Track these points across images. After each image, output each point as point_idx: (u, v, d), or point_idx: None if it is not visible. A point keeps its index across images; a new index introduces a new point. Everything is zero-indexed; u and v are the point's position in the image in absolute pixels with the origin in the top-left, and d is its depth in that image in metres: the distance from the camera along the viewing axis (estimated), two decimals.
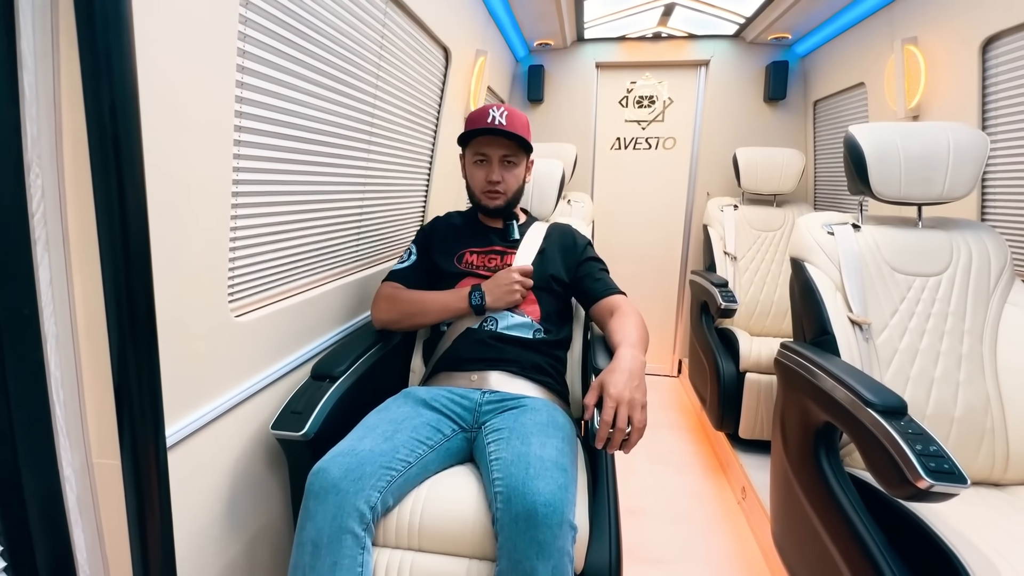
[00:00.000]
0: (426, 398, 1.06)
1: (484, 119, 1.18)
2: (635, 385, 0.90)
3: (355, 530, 0.79)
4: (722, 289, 2.01)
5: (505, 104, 1.21)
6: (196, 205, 0.73)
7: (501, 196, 1.24)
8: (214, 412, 0.83)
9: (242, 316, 0.89)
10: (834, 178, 2.43)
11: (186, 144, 0.69)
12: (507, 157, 1.22)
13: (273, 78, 0.89)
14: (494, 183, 1.22)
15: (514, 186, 1.25)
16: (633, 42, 2.75)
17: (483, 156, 1.22)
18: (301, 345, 1.08)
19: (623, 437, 0.86)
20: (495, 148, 1.21)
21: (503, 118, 1.18)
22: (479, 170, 1.24)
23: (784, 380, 1.31)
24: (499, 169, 1.22)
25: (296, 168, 1.01)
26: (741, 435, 1.92)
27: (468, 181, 1.29)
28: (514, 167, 1.24)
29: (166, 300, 0.70)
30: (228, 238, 0.81)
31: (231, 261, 0.86)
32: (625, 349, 0.99)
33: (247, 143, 0.85)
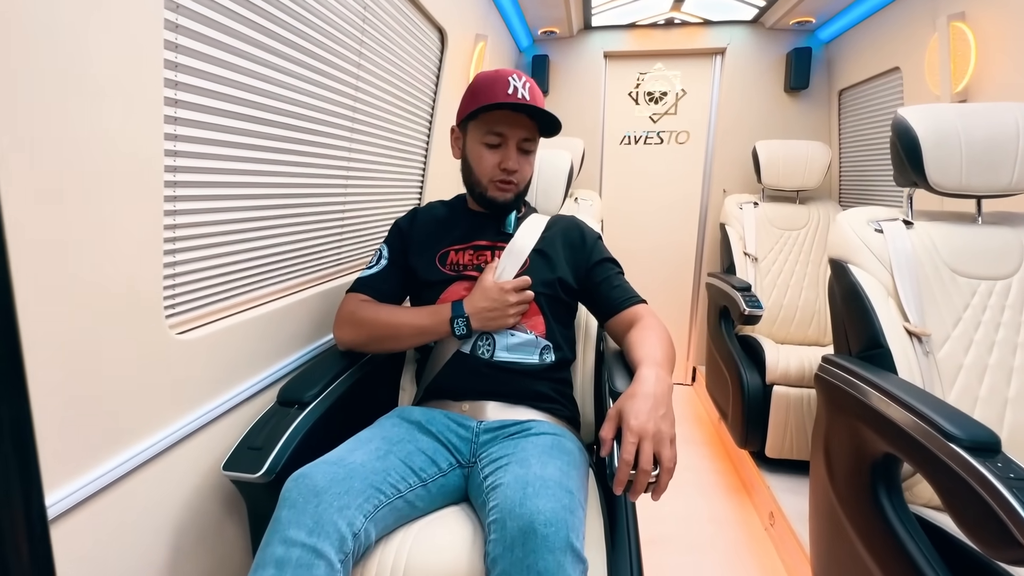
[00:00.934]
0: (422, 420, 0.90)
1: (503, 89, 0.92)
2: (661, 414, 0.73)
3: (331, 557, 0.63)
4: (745, 293, 1.84)
5: (523, 73, 0.97)
6: (108, 195, 0.57)
7: (513, 188, 1.01)
8: (148, 453, 0.67)
9: (185, 333, 0.73)
10: (862, 172, 2.25)
11: (83, 114, 0.53)
12: (526, 142, 0.99)
13: (222, 43, 0.73)
14: (510, 171, 0.98)
15: (528, 176, 1.04)
16: (644, 29, 2.58)
17: (499, 136, 0.97)
18: (267, 364, 0.92)
19: (649, 480, 0.70)
20: (516, 128, 0.96)
21: (527, 92, 0.93)
22: (491, 153, 0.98)
23: (828, 400, 1.13)
24: (516, 155, 0.99)
25: (258, 156, 0.85)
26: (768, 454, 1.74)
27: (470, 164, 1.02)
28: (530, 155, 1.02)
29: (64, 318, 0.54)
30: (162, 238, 0.66)
31: (169, 267, 0.70)
32: (647, 369, 0.81)
33: (186, 121, 0.69)
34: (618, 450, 0.71)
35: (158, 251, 0.65)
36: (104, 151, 0.56)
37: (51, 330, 0.53)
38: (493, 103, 0.92)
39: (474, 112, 0.95)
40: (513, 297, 0.94)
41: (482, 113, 0.96)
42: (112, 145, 0.56)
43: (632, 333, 0.95)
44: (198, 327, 0.76)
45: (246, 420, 0.86)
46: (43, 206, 0.50)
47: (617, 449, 0.72)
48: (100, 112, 0.55)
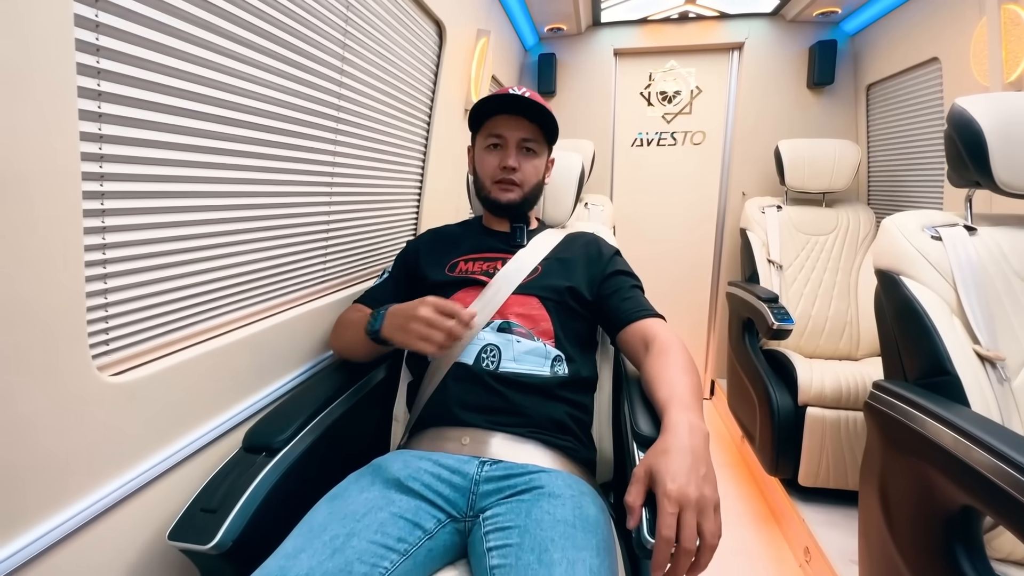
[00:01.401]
0: (401, 476, 0.75)
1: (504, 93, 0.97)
2: (702, 475, 0.60)
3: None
4: (772, 305, 1.69)
5: (526, 87, 1.01)
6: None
7: (516, 189, 1.01)
8: (72, 523, 0.55)
9: (120, 375, 0.60)
10: (894, 173, 2.09)
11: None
12: (527, 142, 1.00)
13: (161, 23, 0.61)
14: (509, 169, 0.99)
15: (532, 179, 1.02)
16: (656, 24, 2.45)
17: (498, 139, 1.00)
18: (230, 403, 0.79)
19: (691, 558, 0.56)
20: (514, 129, 0.99)
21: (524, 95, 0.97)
22: (492, 155, 1.01)
23: (884, 434, 0.98)
24: (517, 154, 0.99)
25: (216, 160, 0.72)
26: (801, 482, 1.58)
27: (477, 173, 1.06)
28: (534, 156, 1.02)
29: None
30: (83, 261, 0.53)
31: (98, 296, 0.58)
32: (678, 414, 0.68)
33: (114, 119, 0.57)
34: (648, 517, 0.58)
35: (77, 276, 0.53)
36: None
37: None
38: (489, 99, 0.95)
39: (478, 123, 1.02)
40: (425, 310, 0.78)
41: (486, 122, 1.00)
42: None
43: (650, 362, 0.83)
44: (138, 366, 0.63)
45: (204, 471, 0.73)
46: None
47: (647, 517, 0.58)
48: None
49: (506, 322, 0.92)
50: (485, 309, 0.93)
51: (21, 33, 0.44)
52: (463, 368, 0.89)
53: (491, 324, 0.92)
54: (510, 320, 0.92)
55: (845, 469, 1.55)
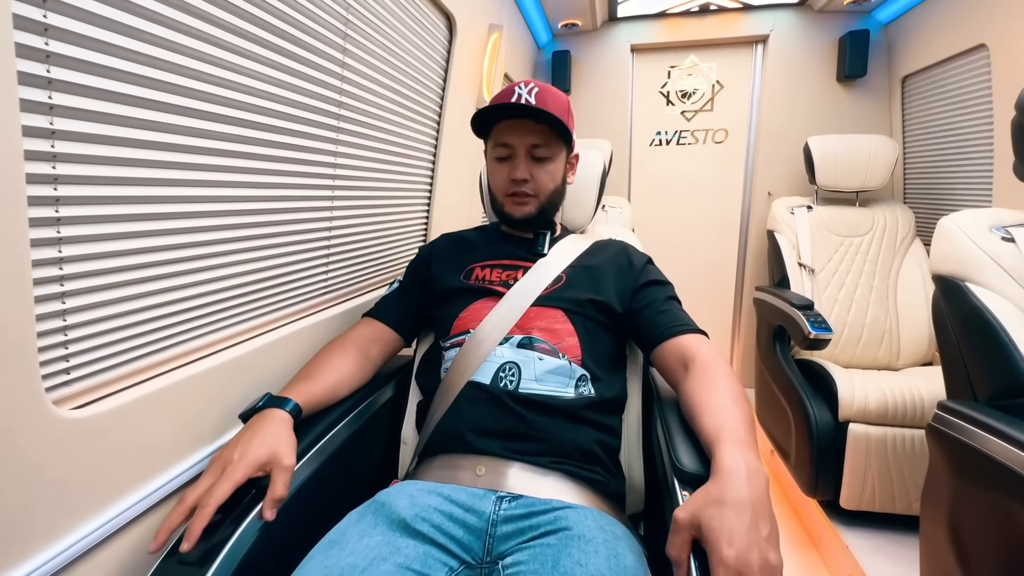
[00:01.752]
0: (407, 517, 0.66)
1: (507, 99, 0.87)
2: (764, 536, 0.49)
3: None
4: (808, 313, 1.57)
5: (535, 80, 0.92)
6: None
7: (531, 200, 0.92)
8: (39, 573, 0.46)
9: (81, 409, 0.52)
10: (932, 169, 1.96)
11: None
12: (537, 148, 0.89)
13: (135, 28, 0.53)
14: (519, 182, 0.89)
15: (548, 186, 0.92)
16: (675, 18, 2.34)
17: (505, 148, 0.90)
18: (217, 434, 0.71)
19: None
20: (520, 136, 0.89)
21: (531, 95, 0.86)
22: (501, 167, 0.92)
23: (954, 462, 0.87)
24: (526, 164, 0.89)
25: (197, 161, 0.64)
26: (844, 505, 1.46)
27: (490, 183, 0.98)
28: (548, 162, 0.91)
29: None
30: (31, 278, 0.45)
31: (53, 319, 0.50)
32: (733, 453, 0.57)
33: (67, 111, 0.48)
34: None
35: (25, 296, 0.45)
36: None
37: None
38: (491, 108, 0.87)
39: (486, 131, 0.94)
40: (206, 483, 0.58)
41: (492, 129, 0.92)
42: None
43: (691, 384, 0.74)
44: (107, 396, 0.55)
45: None
46: None
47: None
48: None
49: (528, 337, 0.83)
50: (501, 323, 0.84)
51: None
52: (479, 388, 0.80)
53: (510, 339, 0.83)
54: (532, 335, 0.83)
55: (893, 492, 1.42)
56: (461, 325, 0.87)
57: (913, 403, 1.41)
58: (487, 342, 0.83)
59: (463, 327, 0.87)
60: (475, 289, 0.90)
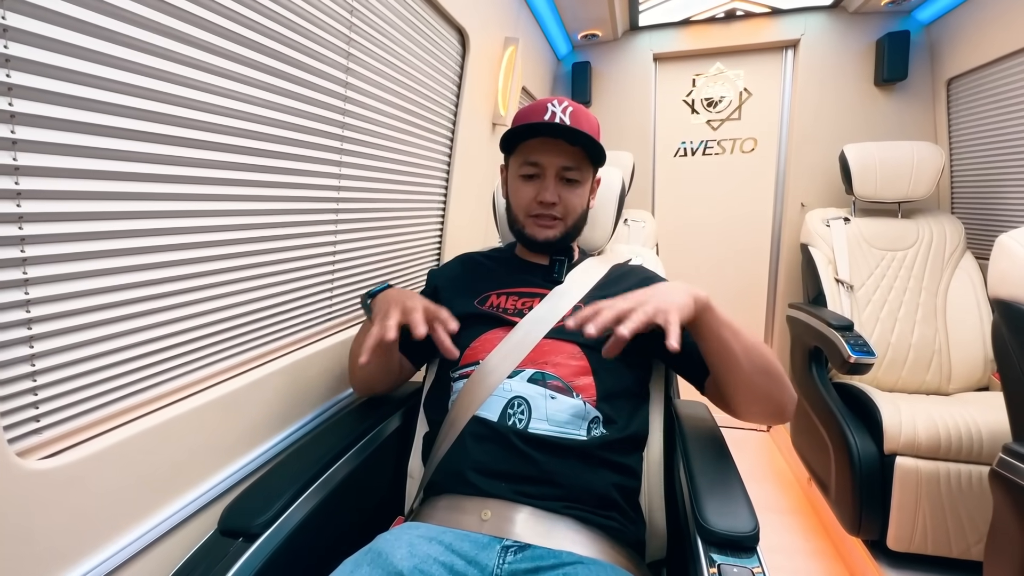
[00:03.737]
0: (405, 569, 0.61)
1: (540, 115, 0.83)
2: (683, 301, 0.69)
3: None
4: (847, 334, 1.46)
5: (567, 98, 0.85)
6: None
7: (557, 224, 0.87)
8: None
9: (51, 458, 0.49)
10: (983, 178, 1.82)
11: None
12: (568, 171, 0.84)
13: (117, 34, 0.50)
14: (547, 204, 0.85)
15: (577, 210, 0.88)
16: (699, 25, 2.27)
17: (534, 167, 0.85)
18: (205, 475, 0.67)
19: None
20: (553, 156, 0.83)
21: (566, 115, 0.82)
22: (527, 186, 0.86)
23: (1022, 514, 0.76)
24: (556, 186, 0.84)
25: (184, 190, 0.61)
26: (891, 546, 1.33)
27: (509, 201, 0.92)
28: (577, 186, 0.86)
29: None
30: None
31: (20, 365, 0.47)
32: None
33: (39, 147, 0.46)
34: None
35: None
36: None
37: None
38: (524, 126, 0.82)
39: (513, 144, 0.88)
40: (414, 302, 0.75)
41: (520, 144, 0.87)
42: None
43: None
44: (77, 444, 0.52)
45: (168, 562, 0.61)
46: None
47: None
48: None
49: (540, 372, 0.77)
50: (512, 354, 0.79)
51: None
52: (485, 425, 0.75)
53: (520, 373, 0.77)
54: (546, 371, 0.77)
55: (948, 533, 1.29)
56: (471, 355, 0.82)
57: (970, 435, 1.28)
58: (495, 374, 0.77)
59: (473, 357, 0.82)
60: (488, 316, 0.85)
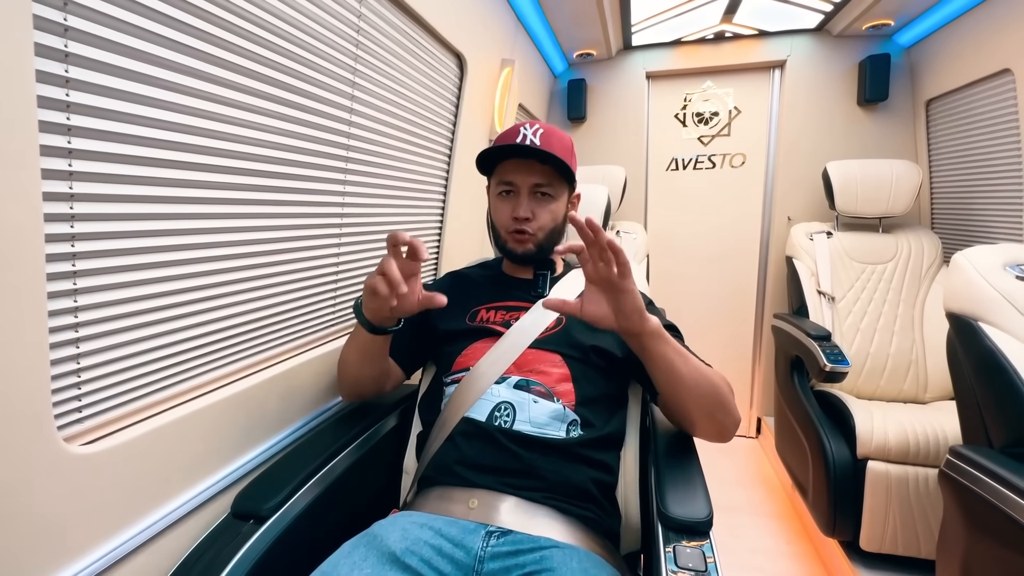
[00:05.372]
0: (398, 550, 0.68)
1: (513, 138, 0.91)
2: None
3: None
4: (824, 344, 1.53)
5: (540, 121, 0.95)
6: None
7: (531, 238, 0.94)
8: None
9: (91, 444, 0.57)
10: (960, 196, 1.90)
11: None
12: (540, 188, 0.92)
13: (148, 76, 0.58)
14: (521, 219, 0.92)
15: (549, 225, 0.95)
16: (690, 46, 2.36)
17: (509, 186, 0.93)
18: (218, 466, 0.75)
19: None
20: (524, 175, 0.92)
21: (536, 136, 0.90)
22: (504, 204, 0.95)
23: (966, 513, 0.83)
24: (529, 202, 0.92)
25: (205, 210, 0.69)
26: (864, 547, 1.40)
27: (492, 219, 1.00)
28: (550, 200, 0.94)
29: None
30: (47, 326, 0.50)
31: (68, 362, 0.54)
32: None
33: (89, 176, 0.54)
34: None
35: (40, 342, 0.49)
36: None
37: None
38: (495, 148, 0.91)
39: (490, 169, 0.97)
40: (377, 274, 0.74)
41: (497, 166, 0.95)
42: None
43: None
44: (112, 433, 0.59)
45: (187, 541, 0.68)
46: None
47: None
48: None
49: (524, 380, 0.85)
50: (498, 362, 0.86)
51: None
52: (473, 424, 0.82)
53: (507, 380, 0.85)
54: (530, 378, 0.85)
55: (916, 535, 1.36)
56: (462, 362, 0.90)
57: (937, 441, 1.35)
58: (484, 379, 0.85)
59: (464, 364, 0.89)
60: (478, 330, 0.93)
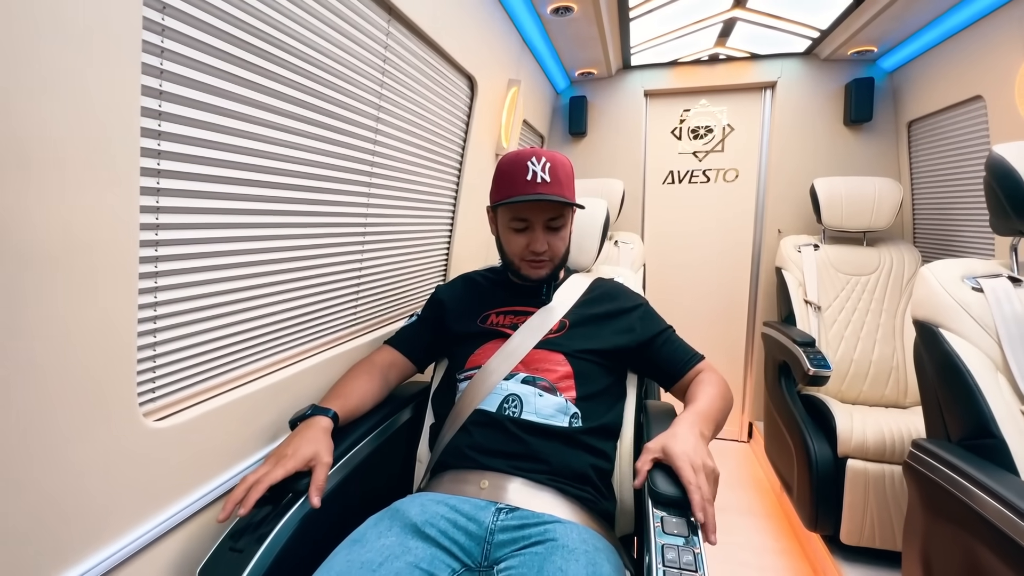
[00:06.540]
0: (418, 522, 0.77)
1: (522, 175, 0.94)
2: (705, 451, 0.77)
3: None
4: (808, 349, 1.63)
5: (544, 151, 0.97)
6: (63, 279, 0.51)
7: (547, 264, 1.02)
8: (114, 559, 0.59)
9: (162, 420, 0.66)
10: (941, 210, 2.01)
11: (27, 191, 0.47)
12: (553, 221, 0.99)
13: (216, 106, 0.69)
14: (539, 253, 0.99)
15: (561, 250, 1.03)
16: (686, 66, 2.48)
17: (524, 221, 0.98)
18: (260, 446, 0.84)
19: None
20: (538, 213, 0.97)
21: (546, 173, 0.94)
22: (518, 237, 1.00)
23: (926, 499, 0.93)
24: (544, 236, 0.98)
25: (255, 220, 0.79)
26: (844, 540, 1.49)
27: (503, 245, 1.05)
28: (561, 229, 1.01)
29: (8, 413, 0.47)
30: (136, 318, 0.59)
31: (147, 349, 0.64)
32: (686, 416, 0.84)
33: (172, 192, 0.64)
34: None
35: (130, 332, 0.59)
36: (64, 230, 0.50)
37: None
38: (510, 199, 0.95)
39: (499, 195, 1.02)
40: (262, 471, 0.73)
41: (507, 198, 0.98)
42: (71, 226, 0.51)
43: (691, 388, 0.96)
44: (179, 411, 0.69)
45: None
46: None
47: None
48: (59, 188, 0.49)
49: (531, 376, 0.94)
50: (506, 361, 0.96)
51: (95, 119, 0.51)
52: (484, 414, 0.91)
53: (516, 376, 0.94)
54: (535, 375, 0.94)
55: (892, 528, 1.45)
56: (474, 361, 0.99)
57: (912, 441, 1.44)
58: (494, 376, 0.95)
59: (475, 363, 0.99)
60: (488, 332, 1.02)
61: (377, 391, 1.01)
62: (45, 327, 0.50)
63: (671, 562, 0.64)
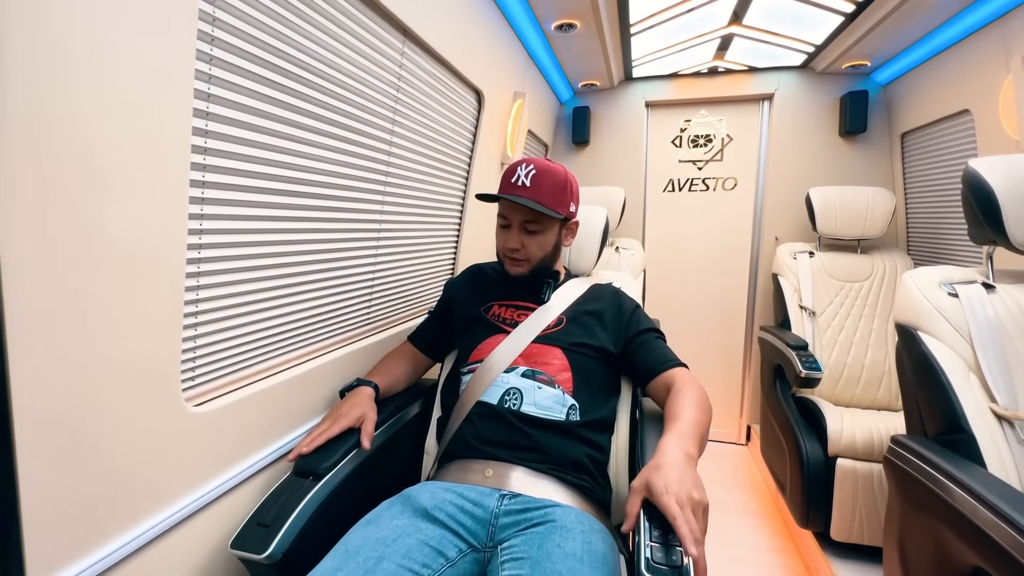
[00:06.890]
0: (428, 506, 0.84)
1: (509, 178, 1.05)
2: (690, 481, 0.71)
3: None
4: (801, 352, 1.69)
5: (536, 160, 1.05)
6: (124, 279, 0.58)
7: (523, 264, 1.09)
8: (155, 531, 0.66)
9: (201, 405, 0.73)
10: (932, 220, 2.07)
11: (101, 202, 0.55)
12: (529, 223, 1.06)
13: (252, 124, 0.76)
14: (512, 250, 1.08)
15: (538, 254, 1.09)
16: (686, 78, 2.56)
17: (505, 219, 1.08)
18: (285, 432, 0.92)
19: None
20: (515, 213, 1.06)
21: (528, 179, 1.02)
22: (502, 233, 1.10)
23: (902, 491, 0.99)
24: (519, 235, 1.06)
25: (282, 226, 0.87)
26: (834, 537, 1.54)
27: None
28: (538, 234, 1.07)
29: (68, 395, 0.55)
30: (182, 313, 0.67)
31: (189, 341, 0.71)
32: (669, 439, 0.80)
33: (213, 201, 0.71)
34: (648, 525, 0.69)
35: (177, 326, 0.66)
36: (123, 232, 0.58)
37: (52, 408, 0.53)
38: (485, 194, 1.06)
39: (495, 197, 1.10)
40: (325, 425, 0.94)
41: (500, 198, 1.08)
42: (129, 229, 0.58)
43: (669, 400, 0.94)
44: (215, 398, 0.76)
45: (262, 490, 0.85)
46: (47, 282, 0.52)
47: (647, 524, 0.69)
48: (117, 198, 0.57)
49: (530, 370, 1.01)
50: (506, 355, 1.03)
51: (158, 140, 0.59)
52: (487, 407, 0.98)
53: (516, 369, 1.01)
54: (535, 368, 1.01)
55: (879, 525, 1.50)
56: (477, 355, 1.07)
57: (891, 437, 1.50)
58: (495, 369, 1.02)
59: (478, 357, 1.06)
60: (490, 324, 1.09)
61: (407, 374, 1.18)
62: (110, 323, 0.57)
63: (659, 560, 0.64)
